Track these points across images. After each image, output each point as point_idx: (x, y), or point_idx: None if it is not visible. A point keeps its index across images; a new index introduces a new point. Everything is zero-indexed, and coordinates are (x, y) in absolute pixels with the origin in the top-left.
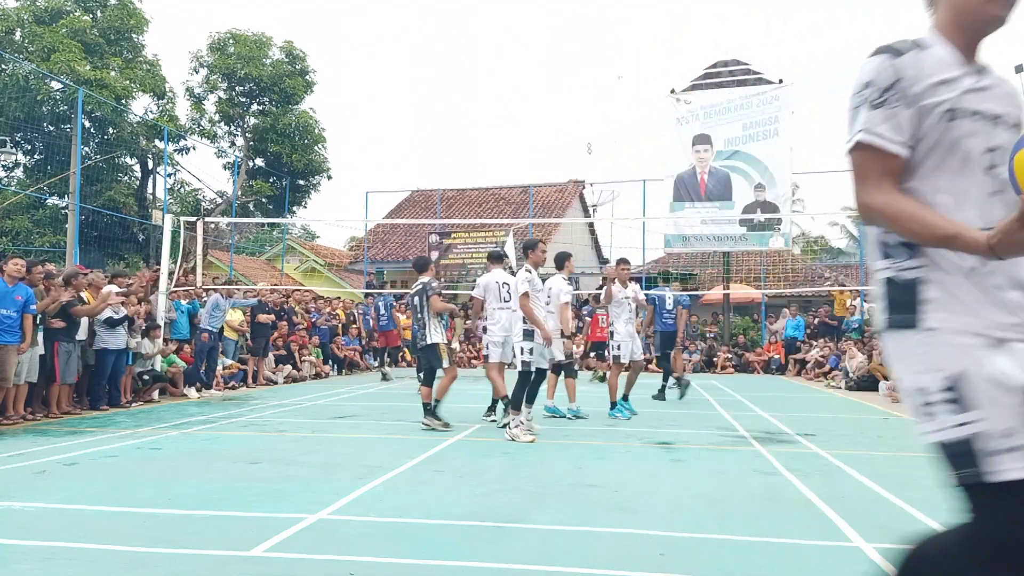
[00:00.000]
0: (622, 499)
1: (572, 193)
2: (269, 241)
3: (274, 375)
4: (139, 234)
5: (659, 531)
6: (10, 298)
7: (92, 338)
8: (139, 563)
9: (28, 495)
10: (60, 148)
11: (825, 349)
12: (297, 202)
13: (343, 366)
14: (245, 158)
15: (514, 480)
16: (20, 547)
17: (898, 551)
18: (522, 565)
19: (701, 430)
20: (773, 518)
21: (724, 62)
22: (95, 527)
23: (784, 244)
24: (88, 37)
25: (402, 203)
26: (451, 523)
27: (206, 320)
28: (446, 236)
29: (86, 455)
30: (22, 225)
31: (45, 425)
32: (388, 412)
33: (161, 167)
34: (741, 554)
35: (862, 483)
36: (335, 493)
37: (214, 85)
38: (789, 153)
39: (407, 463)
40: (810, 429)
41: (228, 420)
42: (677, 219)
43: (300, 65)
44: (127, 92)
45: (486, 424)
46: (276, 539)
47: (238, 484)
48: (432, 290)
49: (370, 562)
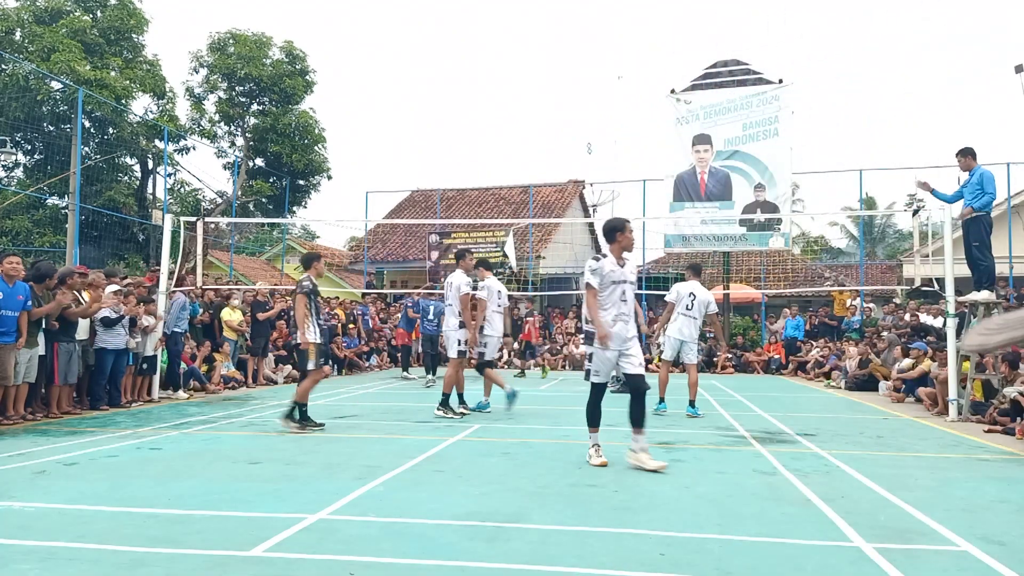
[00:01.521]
0: (622, 499)
1: (572, 193)
2: (269, 241)
3: (274, 375)
4: (139, 234)
5: (659, 531)
6: (13, 298)
7: (92, 338)
8: (139, 563)
9: (28, 495)
10: (60, 148)
11: (825, 349)
12: (297, 202)
13: (343, 366)
14: (245, 158)
15: (514, 480)
16: (20, 547)
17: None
18: (522, 565)
19: (701, 430)
20: (773, 518)
21: (724, 62)
22: (95, 527)
23: (784, 244)
24: (88, 37)
25: (402, 203)
26: (451, 523)
27: (172, 322)
28: (446, 236)
29: (86, 455)
30: (22, 225)
31: (45, 425)
32: (388, 412)
33: (161, 167)
34: (741, 554)
35: (862, 483)
36: (335, 493)
37: (214, 85)
38: (789, 153)
39: (407, 463)
40: (810, 429)
41: (228, 420)
42: (677, 219)
43: (300, 65)
44: (127, 92)
45: (486, 424)
46: (276, 539)
47: (238, 484)
48: (301, 288)
49: (370, 562)
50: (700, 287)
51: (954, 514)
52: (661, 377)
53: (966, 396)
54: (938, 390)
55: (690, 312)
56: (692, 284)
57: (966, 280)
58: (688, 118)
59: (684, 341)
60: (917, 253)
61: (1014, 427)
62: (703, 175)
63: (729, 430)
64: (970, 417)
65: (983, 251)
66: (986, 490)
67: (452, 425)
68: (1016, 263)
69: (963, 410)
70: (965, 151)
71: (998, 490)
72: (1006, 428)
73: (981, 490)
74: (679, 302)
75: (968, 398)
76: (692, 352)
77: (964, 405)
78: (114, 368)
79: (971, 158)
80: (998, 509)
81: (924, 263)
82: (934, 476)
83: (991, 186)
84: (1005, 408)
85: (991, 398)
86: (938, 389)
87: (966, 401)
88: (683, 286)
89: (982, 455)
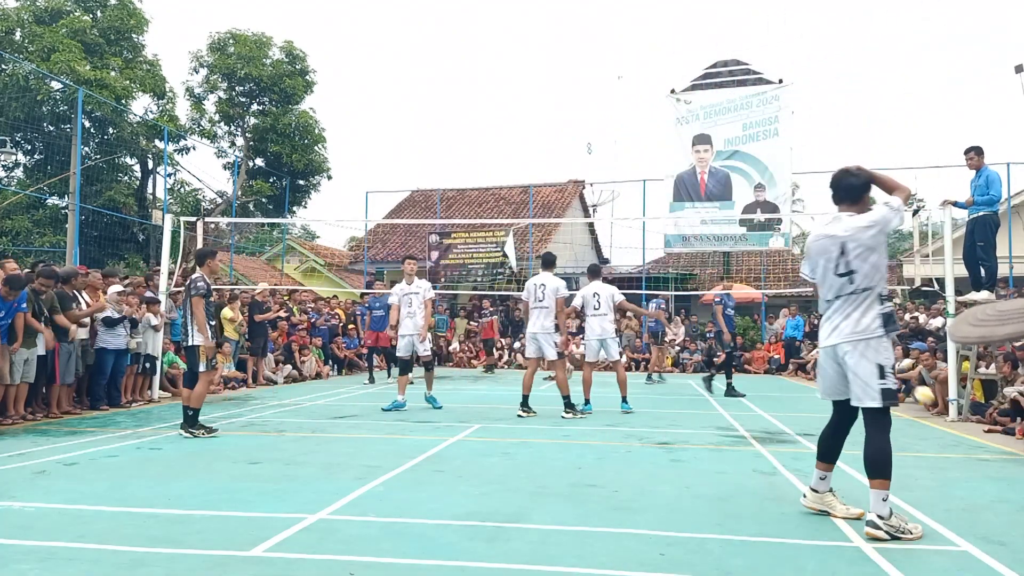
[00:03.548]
0: (622, 499)
1: (572, 193)
2: (269, 241)
3: (274, 375)
4: (139, 234)
5: (659, 531)
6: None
7: (93, 338)
8: (139, 563)
9: (28, 495)
10: (60, 148)
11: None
12: (297, 202)
13: (343, 366)
14: (245, 158)
15: (514, 480)
16: (20, 547)
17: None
18: (522, 565)
19: (701, 430)
20: (773, 518)
21: (724, 62)
22: (95, 527)
23: (784, 244)
24: (88, 37)
25: (402, 203)
26: (451, 523)
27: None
28: (446, 236)
29: (86, 455)
30: (22, 225)
31: (45, 425)
32: (388, 412)
33: (161, 167)
34: (741, 554)
35: (862, 483)
36: (335, 493)
37: (214, 85)
38: (789, 153)
39: (407, 463)
40: (810, 429)
41: (228, 420)
42: (677, 219)
43: (300, 65)
44: (127, 92)
45: (486, 424)
46: (276, 539)
47: (238, 484)
48: (197, 290)
49: (370, 562)
50: (601, 284)
51: (954, 514)
52: (585, 377)
53: (966, 396)
54: (938, 390)
55: (599, 311)
56: (593, 285)
57: (966, 280)
58: (688, 118)
59: (603, 339)
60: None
61: (1014, 427)
62: (703, 175)
63: (729, 430)
64: (970, 417)
65: (987, 251)
66: (986, 490)
67: (452, 425)
68: (1016, 263)
69: (963, 410)
70: (975, 149)
71: (998, 490)
72: (1006, 428)
73: (981, 490)
74: (587, 306)
75: (968, 398)
76: (613, 349)
77: (964, 405)
78: (114, 368)
79: (980, 156)
80: (998, 509)
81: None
82: (934, 476)
83: (996, 188)
84: (1005, 408)
85: (991, 398)
86: (938, 389)
87: (966, 401)
88: (586, 290)
89: (982, 455)
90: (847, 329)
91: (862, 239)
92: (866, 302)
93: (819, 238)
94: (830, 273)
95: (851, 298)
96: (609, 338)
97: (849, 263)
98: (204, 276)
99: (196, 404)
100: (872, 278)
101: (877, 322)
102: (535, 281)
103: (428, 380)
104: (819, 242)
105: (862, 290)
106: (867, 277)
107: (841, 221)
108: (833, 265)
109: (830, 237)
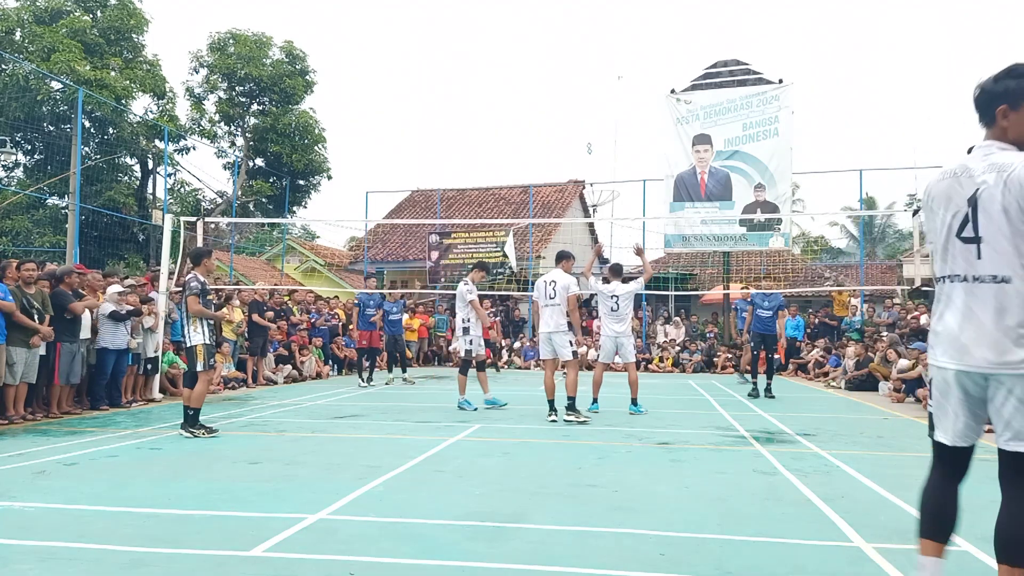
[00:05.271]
0: (622, 499)
1: (572, 193)
2: (269, 241)
3: (274, 375)
4: (139, 234)
5: (659, 531)
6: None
7: (94, 337)
8: (139, 563)
9: (28, 495)
10: (60, 148)
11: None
12: (297, 202)
13: (343, 366)
14: (245, 158)
15: (514, 480)
16: (20, 547)
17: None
18: (522, 565)
19: (701, 430)
20: (773, 518)
21: (724, 62)
22: (95, 527)
23: (784, 244)
24: (88, 37)
25: (402, 203)
26: (451, 523)
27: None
28: (446, 236)
29: (86, 455)
30: (22, 225)
31: (45, 425)
32: (388, 412)
33: (161, 167)
34: (741, 554)
35: (862, 483)
36: (335, 493)
37: (214, 85)
38: (789, 153)
39: (407, 463)
40: (810, 429)
41: (228, 420)
42: (677, 219)
43: (300, 65)
44: (127, 92)
45: (486, 424)
46: (276, 539)
47: (238, 484)
48: (190, 290)
49: (370, 562)
50: (620, 285)
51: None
52: (596, 377)
53: None
54: None
55: (616, 312)
56: (614, 285)
57: None
58: (688, 118)
59: (618, 339)
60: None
61: None
62: (703, 175)
63: (729, 430)
64: None
65: None
66: (986, 490)
67: (452, 425)
68: None
69: None
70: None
71: (998, 490)
72: None
73: (981, 490)
74: (603, 305)
75: None
76: (630, 349)
77: None
78: (115, 368)
79: None
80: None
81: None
82: None
83: None
84: None
85: None
86: None
87: None
88: (606, 289)
89: (982, 455)
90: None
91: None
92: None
93: (944, 176)
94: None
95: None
96: (625, 338)
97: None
98: (198, 275)
99: (196, 404)
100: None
101: None
102: (545, 279)
103: (482, 381)
104: (942, 183)
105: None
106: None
107: (992, 155)
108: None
109: (956, 177)
